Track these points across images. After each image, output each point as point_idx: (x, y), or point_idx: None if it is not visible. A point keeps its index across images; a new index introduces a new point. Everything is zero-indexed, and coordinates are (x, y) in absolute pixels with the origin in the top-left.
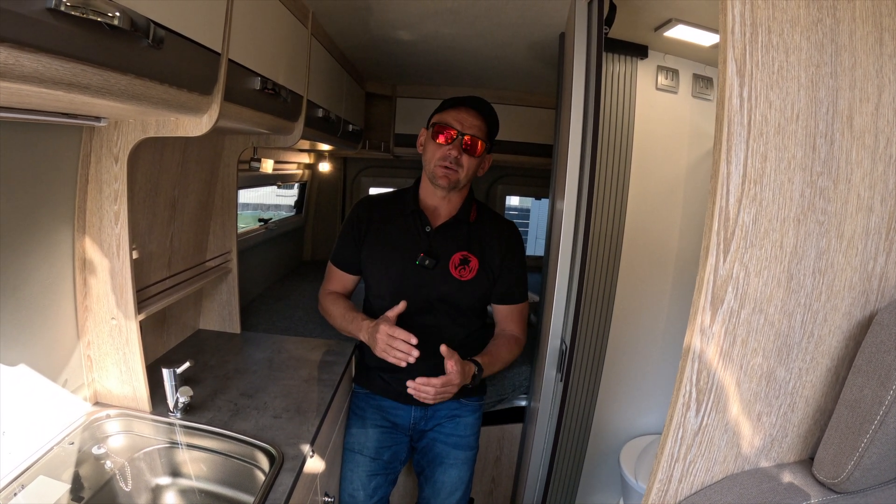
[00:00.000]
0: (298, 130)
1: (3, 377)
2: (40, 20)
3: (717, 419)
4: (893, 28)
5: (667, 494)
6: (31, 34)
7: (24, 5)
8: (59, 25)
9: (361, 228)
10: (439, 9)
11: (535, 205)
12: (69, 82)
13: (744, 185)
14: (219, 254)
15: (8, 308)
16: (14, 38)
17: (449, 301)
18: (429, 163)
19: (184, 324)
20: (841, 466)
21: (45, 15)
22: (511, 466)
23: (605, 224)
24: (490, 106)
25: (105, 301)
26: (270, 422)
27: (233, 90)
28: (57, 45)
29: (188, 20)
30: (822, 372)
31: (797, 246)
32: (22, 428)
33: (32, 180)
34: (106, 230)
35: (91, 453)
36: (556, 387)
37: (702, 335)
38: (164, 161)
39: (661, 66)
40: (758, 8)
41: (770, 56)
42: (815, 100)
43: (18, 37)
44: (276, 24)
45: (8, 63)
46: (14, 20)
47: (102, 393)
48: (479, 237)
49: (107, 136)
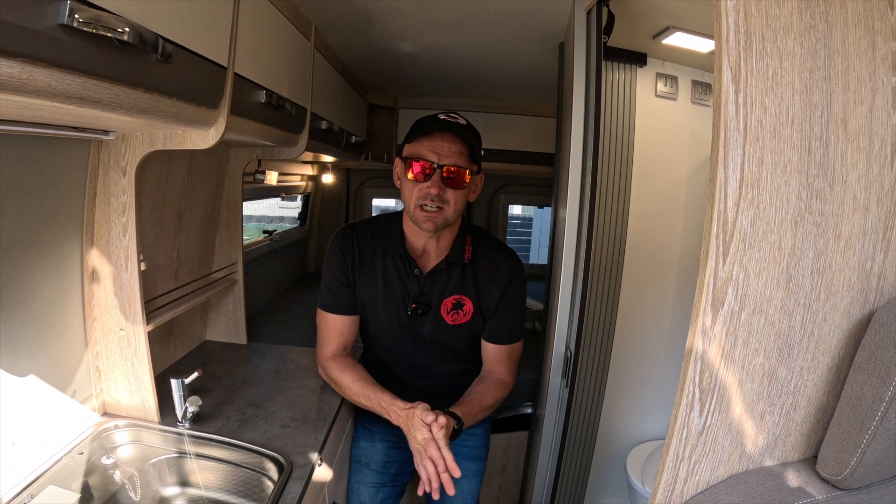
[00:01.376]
0: (303, 142)
1: (13, 388)
2: (53, 36)
3: (720, 419)
4: (885, 31)
5: (673, 494)
6: (44, 49)
7: (37, 21)
8: (70, 41)
9: (349, 266)
10: (440, 20)
11: (537, 213)
12: (80, 96)
13: (741, 189)
14: (225, 265)
15: (17, 319)
16: (28, 54)
17: (441, 344)
18: (408, 203)
19: (191, 335)
20: (844, 463)
21: (58, 31)
22: (517, 474)
23: (607, 230)
24: (467, 123)
25: (113, 312)
26: (278, 431)
27: (239, 103)
28: (69, 60)
29: (195, 35)
30: (823, 370)
31: (795, 247)
32: (31, 438)
33: (41, 193)
34: (114, 242)
35: (100, 463)
36: (562, 393)
37: (703, 336)
38: (170, 174)
39: (660, 74)
40: (751, 16)
41: (764, 63)
42: (810, 104)
43: (32, 52)
44: (280, 37)
45: (22, 78)
46: (28, 36)
47: (111, 403)
48: (475, 278)
49: (114, 149)
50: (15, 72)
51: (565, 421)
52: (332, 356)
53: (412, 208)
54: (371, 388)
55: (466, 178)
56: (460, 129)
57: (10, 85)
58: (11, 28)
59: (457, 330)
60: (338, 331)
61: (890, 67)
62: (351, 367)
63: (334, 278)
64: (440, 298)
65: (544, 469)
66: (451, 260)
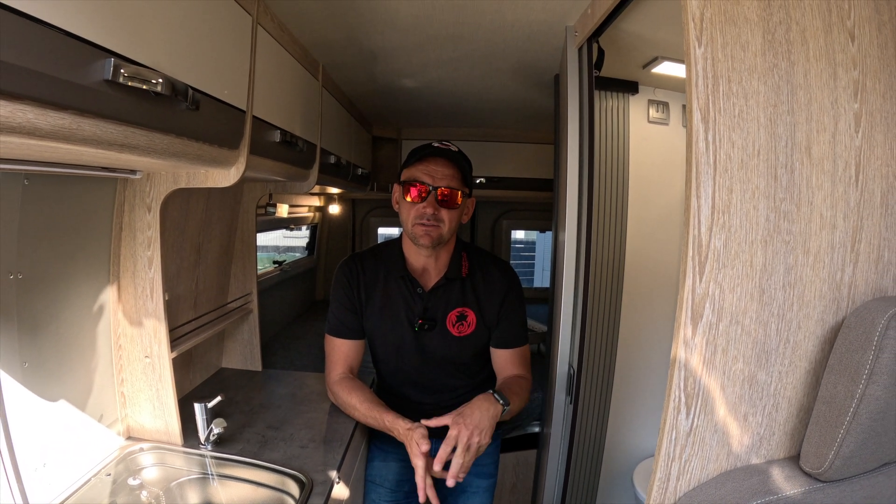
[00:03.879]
0: (313, 177)
1: (45, 412)
2: (98, 90)
3: (706, 421)
4: (846, 62)
5: (667, 492)
6: (91, 102)
7: (85, 77)
8: (113, 94)
9: (355, 292)
10: (441, 58)
11: (540, 238)
12: (121, 143)
13: (713, 216)
14: (240, 295)
15: (50, 347)
16: (77, 106)
17: (449, 358)
18: (406, 223)
19: (207, 363)
20: (823, 457)
21: (103, 85)
22: (527, 493)
23: (607, 251)
24: (458, 150)
25: (139, 341)
26: (298, 451)
27: (256, 143)
28: (112, 111)
29: (219, 83)
30: (801, 374)
31: (766, 264)
32: (61, 460)
33: (72, 228)
34: (140, 274)
35: (127, 484)
36: (567, 410)
37: (685, 346)
38: (189, 209)
39: (651, 100)
40: (718, 62)
41: (731, 102)
42: (774, 135)
43: (80, 105)
44: (291, 79)
45: (72, 128)
46: (77, 91)
47: (135, 428)
48: (475, 290)
49: (140, 187)
50: (66, 122)
51: (570, 437)
52: (340, 379)
53: (410, 227)
54: (377, 409)
55: (459, 199)
56: (452, 155)
57: (61, 134)
58: (62, 84)
59: (463, 342)
60: (344, 354)
61: (851, 95)
62: (358, 388)
63: (340, 305)
64: (445, 312)
65: (552, 486)
66: (450, 276)
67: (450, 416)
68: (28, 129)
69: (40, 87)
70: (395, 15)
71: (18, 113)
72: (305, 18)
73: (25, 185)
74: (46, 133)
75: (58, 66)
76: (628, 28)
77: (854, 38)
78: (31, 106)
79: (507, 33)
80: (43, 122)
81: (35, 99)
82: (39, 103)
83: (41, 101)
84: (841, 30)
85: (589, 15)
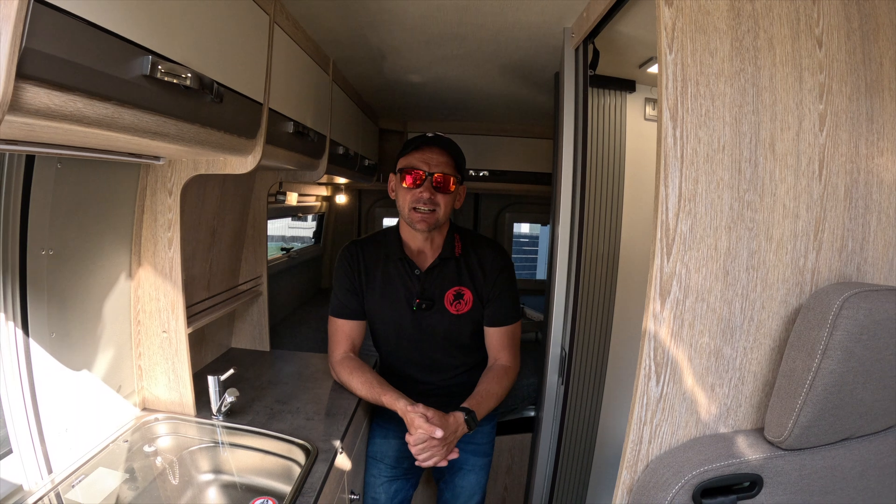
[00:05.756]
0: (323, 166)
1: (68, 380)
2: (137, 84)
3: (675, 389)
4: (813, 67)
5: (639, 454)
6: (131, 94)
7: (126, 72)
8: (149, 87)
9: (356, 275)
10: (446, 55)
11: (542, 231)
12: (154, 131)
13: (680, 203)
14: (251, 278)
15: (75, 319)
16: (119, 98)
17: (448, 336)
18: (403, 208)
19: (218, 342)
20: (783, 426)
21: (141, 80)
22: (522, 475)
23: (603, 241)
24: (452, 141)
25: (157, 316)
26: (304, 423)
27: (272, 133)
28: (148, 103)
29: (240, 78)
30: (766, 351)
31: (730, 248)
32: (82, 426)
33: (98, 210)
34: (160, 254)
35: (142, 451)
36: (559, 390)
37: (654, 319)
38: (206, 195)
39: (647, 98)
40: (687, 67)
41: (698, 103)
42: (739, 133)
43: (122, 96)
44: (304, 73)
45: (114, 117)
46: (119, 84)
47: (150, 399)
48: (469, 269)
49: (161, 172)
50: (109, 112)
51: (562, 418)
52: (342, 358)
53: (407, 212)
54: (378, 387)
55: (452, 184)
56: (446, 144)
57: (104, 122)
58: (107, 78)
59: (461, 319)
60: (347, 334)
61: (817, 97)
62: (360, 367)
63: (343, 287)
64: (442, 292)
65: (544, 467)
66: (444, 255)
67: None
68: (77, 116)
69: (88, 81)
70: (404, 14)
71: (70, 102)
72: (318, 16)
73: (58, 168)
74: (92, 121)
75: (103, 62)
76: (624, 30)
77: (822, 44)
78: (81, 97)
79: (508, 33)
80: (90, 111)
81: (84, 91)
82: (87, 94)
83: (89, 93)
84: (808, 37)
85: (584, 18)
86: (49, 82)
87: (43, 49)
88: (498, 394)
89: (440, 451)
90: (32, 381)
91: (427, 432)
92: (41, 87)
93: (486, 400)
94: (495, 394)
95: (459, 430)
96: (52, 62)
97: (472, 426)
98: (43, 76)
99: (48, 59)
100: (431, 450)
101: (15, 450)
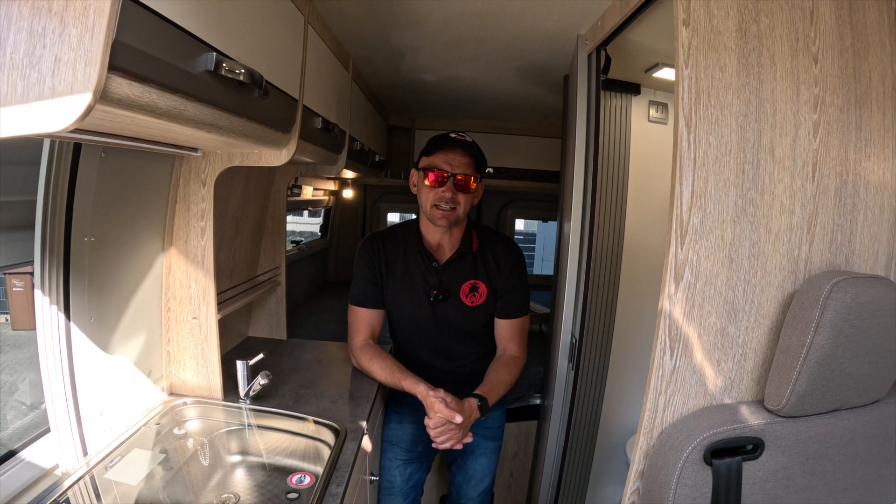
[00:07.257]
0: (342, 161)
1: (103, 364)
2: (201, 78)
3: (686, 363)
4: (809, 81)
5: (655, 421)
6: (196, 88)
7: (193, 67)
8: (211, 82)
9: (377, 265)
10: (463, 56)
11: (541, 227)
12: (211, 124)
13: (692, 199)
14: (269, 269)
15: (112, 305)
16: (186, 91)
17: (463, 327)
18: (425, 204)
19: (237, 331)
20: (781, 395)
21: (205, 75)
22: (527, 461)
23: (607, 237)
24: (472, 141)
25: (187, 303)
26: (329, 406)
27: (304, 129)
28: (209, 97)
29: (281, 74)
30: (765, 330)
31: (734, 238)
32: (115, 410)
33: (136, 199)
34: (192, 242)
35: (173, 434)
36: (568, 376)
37: (669, 300)
38: (232, 187)
39: (652, 101)
40: (701, 80)
41: (709, 112)
42: (743, 139)
43: (188, 90)
44: (329, 71)
45: (180, 108)
46: (187, 78)
47: (177, 384)
48: (485, 263)
49: (195, 163)
50: (177, 104)
51: (571, 403)
52: (362, 346)
53: (429, 209)
54: (399, 371)
55: (473, 184)
56: (468, 146)
57: (172, 114)
58: (177, 71)
59: (475, 311)
60: (366, 322)
61: (812, 107)
62: (379, 354)
63: (364, 277)
64: (458, 284)
65: (552, 453)
66: (462, 250)
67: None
68: (151, 107)
69: (163, 74)
70: (428, 16)
71: (146, 94)
72: (345, 17)
73: (102, 157)
74: (163, 112)
75: (175, 56)
76: (633, 38)
77: (817, 60)
78: (155, 88)
79: (525, 38)
80: (162, 102)
81: (158, 83)
82: (161, 87)
83: (162, 85)
84: (806, 54)
85: (599, 27)
86: (131, 73)
87: (129, 42)
88: (507, 382)
89: (457, 433)
90: (72, 363)
91: (447, 417)
92: (124, 77)
93: (497, 387)
94: (505, 381)
95: (473, 415)
96: (136, 55)
97: (484, 411)
98: (127, 68)
99: (132, 52)
100: (449, 433)
101: (53, 429)
